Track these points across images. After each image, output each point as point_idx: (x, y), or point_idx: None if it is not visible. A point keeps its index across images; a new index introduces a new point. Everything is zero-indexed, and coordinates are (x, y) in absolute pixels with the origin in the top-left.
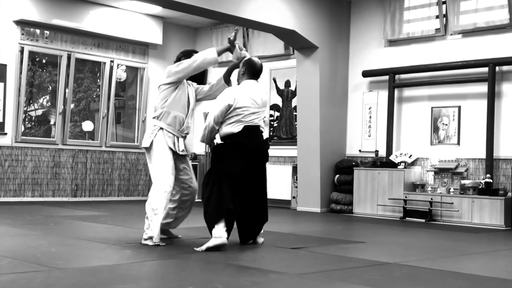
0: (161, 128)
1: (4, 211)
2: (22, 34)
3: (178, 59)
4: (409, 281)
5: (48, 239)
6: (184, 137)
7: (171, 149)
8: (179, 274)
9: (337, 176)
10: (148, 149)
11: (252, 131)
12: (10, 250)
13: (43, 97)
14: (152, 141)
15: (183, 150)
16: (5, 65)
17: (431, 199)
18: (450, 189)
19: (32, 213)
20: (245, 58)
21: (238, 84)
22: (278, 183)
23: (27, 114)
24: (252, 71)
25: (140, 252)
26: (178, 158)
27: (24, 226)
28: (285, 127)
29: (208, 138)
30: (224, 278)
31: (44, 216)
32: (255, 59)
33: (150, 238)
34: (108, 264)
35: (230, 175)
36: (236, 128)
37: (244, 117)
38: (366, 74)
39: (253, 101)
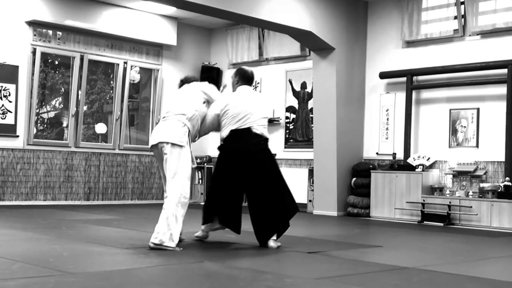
0: (189, 130)
1: (16, 214)
2: (34, 35)
3: (195, 80)
4: (427, 286)
5: (60, 243)
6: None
7: None
8: (193, 278)
9: (354, 179)
10: (176, 145)
11: (239, 134)
12: (22, 254)
13: (56, 99)
14: (185, 142)
15: None
16: (17, 67)
17: (450, 202)
18: (468, 192)
19: (44, 216)
20: (237, 68)
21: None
22: (294, 186)
23: (39, 116)
24: (244, 77)
25: (154, 256)
26: None
27: (36, 230)
28: (301, 129)
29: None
30: (240, 282)
31: (56, 220)
32: (246, 67)
33: (160, 244)
34: (121, 269)
35: (218, 180)
36: (224, 133)
37: (230, 121)
38: (383, 75)
39: (243, 105)
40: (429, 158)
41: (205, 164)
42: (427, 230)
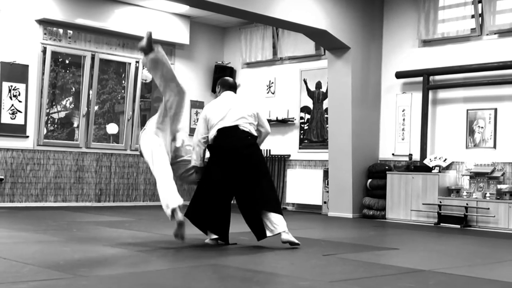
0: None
1: (26, 216)
2: (45, 33)
3: None
4: None
5: (71, 246)
6: None
7: None
8: (206, 281)
9: (370, 180)
10: None
11: (227, 131)
12: (32, 257)
13: (66, 99)
14: None
15: None
16: (27, 66)
17: (467, 204)
18: (486, 194)
19: (54, 218)
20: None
21: None
22: (308, 187)
23: (49, 117)
24: (225, 84)
25: (167, 259)
26: None
27: (46, 232)
28: (316, 130)
29: (197, 157)
30: (254, 285)
31: (67, 222)
32: (226, 77)
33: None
34: (133, 272)
35: (209, 180)
36: (212, 133)
37: (217, 121)
38: (399, 75)
39: (225, 106)
40: (445, 159)
41: None
42: (443, 232)
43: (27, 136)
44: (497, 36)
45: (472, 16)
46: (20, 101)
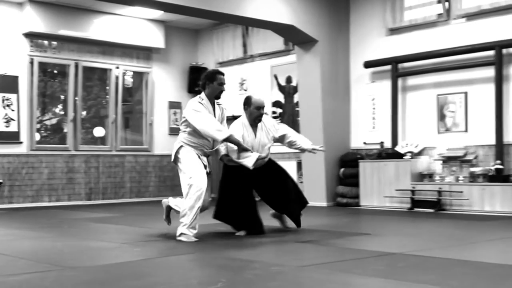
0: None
1: (23, 216)
2: (31, 46)
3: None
4: (413, 270)
5: (62, 241)
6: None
7: None
8: (185, 269)
9: (342, 169)
10: None
11: None
12: (27, 251)
13: (56, 106)
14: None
15: None
16: (17, 77)
17: (440, 188)
18: (459, 177)
19: (48, 217)
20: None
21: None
22: None
23: (42, 123)
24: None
25: (149, 250)
26: None
27: (41, 229)
28: (288, 123)
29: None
30: (229, 272)
31: (60, 220)
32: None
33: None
34: (118, 262)
35: None
36: None
37: None
38: (368, 65)
39: None
40: (417, 145)
41: None
42: (417, 217)
43: (21, 142)
44: (465, 20)
45: (439, 1)
46: (13, 110)
